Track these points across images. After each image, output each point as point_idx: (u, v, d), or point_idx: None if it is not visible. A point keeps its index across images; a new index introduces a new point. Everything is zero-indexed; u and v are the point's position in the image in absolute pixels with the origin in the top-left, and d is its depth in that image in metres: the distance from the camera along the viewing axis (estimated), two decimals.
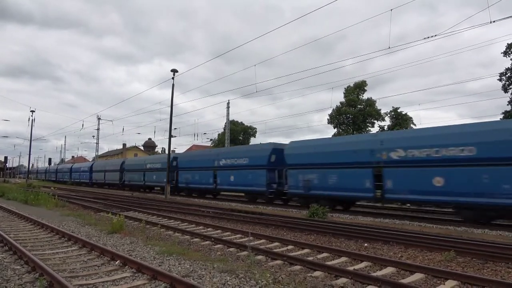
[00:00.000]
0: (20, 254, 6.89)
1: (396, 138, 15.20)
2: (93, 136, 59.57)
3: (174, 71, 25.27)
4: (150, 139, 77.96)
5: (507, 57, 29.67)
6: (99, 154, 63.46)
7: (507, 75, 29.75)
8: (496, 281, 5.46)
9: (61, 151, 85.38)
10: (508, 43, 29.13)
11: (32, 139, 46.16)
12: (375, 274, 6.00)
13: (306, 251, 8.03)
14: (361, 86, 39.40)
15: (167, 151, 27.99)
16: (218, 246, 8.50)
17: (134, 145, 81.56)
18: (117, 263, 6.47)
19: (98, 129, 56.14)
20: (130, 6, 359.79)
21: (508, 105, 30.16)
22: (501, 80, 30.01)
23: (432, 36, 14.35)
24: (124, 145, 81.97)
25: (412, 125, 35.94)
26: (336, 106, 39.79)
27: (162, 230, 10.34)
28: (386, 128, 37.17)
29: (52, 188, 32.36)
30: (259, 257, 7.18)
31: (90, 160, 77.76)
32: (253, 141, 53.53)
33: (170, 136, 26.72)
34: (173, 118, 26.19)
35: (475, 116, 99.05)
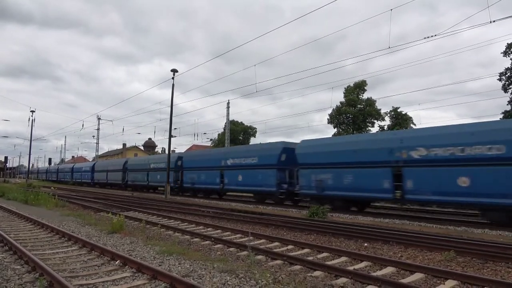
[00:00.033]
0: (20, 254, 6.89)
1: (417, 136, 14.24)
2: (93, 136, 59.77)
3: (174, 71, 25.32)
4: (150, 139, 78.03)
5: (507, 57, 29.71)
6: (99, 154, 63.50)
7: (507, 75, 29.77)
8: (496, 281, 5.46)
9: (61, 151, 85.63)
10: (508, 43, 29.18)
11: (32, 139, 46.28)
12: (375, 274, 6.00)
13: (306, 251, 8.04)
14: (361, 86, 39.45)
15: (167, 151, 28.02)
16: (218, 246, 8.50)
17: (134, 145, 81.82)
18: (117, 263, 6.47)
19: (98, 129, 56.27)
20: (130, 6, 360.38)
21: (508, 105, 30.22)
22: (501, 80, 30.05)
23: (432, 36, 14.33)
24: (124, 145, 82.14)
25: (412, 125, 35.99)
26: (336, 106, 39.89)
27: (162, 230, 10.34)
28: (386, 128, 37.21)
29: (52, 188, 32.35)
30: (259, 257, 7.18)
31: (90, 160, 77.81)
32: (253, 141, 53.55)
33: (170, 136, 26.76)
34: (173, 118, 26.27)
35: (474, 116, 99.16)
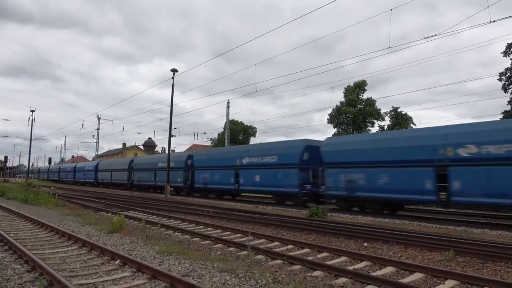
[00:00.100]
0: (20, 253, 6.89)
1: (465, 132, 12.93)
2: (93, 135, 59.74)
3: (174, 70, 25.33)
4: (150, 138, 77.94)
5: (507, 57, 29.67)
6: (99, 153, 63.54)
7: (507, 75, 29.75)
8: (496, 281, 5.47)
9: (61, 150, 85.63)
10: (508, 43, 29.13)
11: (32, 138, 46.31)
12: (374, 274, 6.01)
13: (306, 250, 8.04)
14: (361, 86, 39.44)
15: (167, 151, 28.03)
16: (218, 245, 8.50)
17: (134, 144, 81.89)
18: (117, 262, 6.47)
19: (98, 128, 56.38)
20: (130, 6, 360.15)
21: (508, 104, 30.20)
22: (501, 80, 30.02)
23: (432, 36, 14.33)
24: (124, 144, 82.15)
25: (412, 124, 35.97)
26: (336, 105, 39.87)
27: (162, 229, 10.34)
28: (386, 128, 37.20)
29: (52, 187, 32.35)
30: (259, 256, 7.18)
31: (90, 159, 77.78)
32: (253, 141, 53.54)
33: (170, 136, 26.77)
34: (173, 118, 26.30)
35: (475, 116, 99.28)
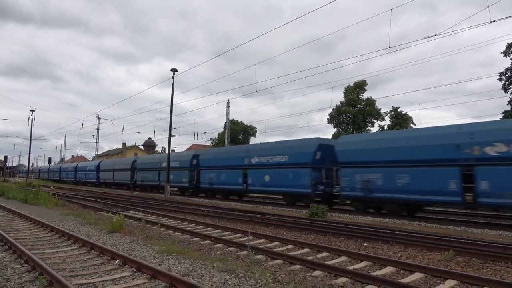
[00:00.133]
0: (20, 253, 6.89)
1: (493, 129, 12.34)
2: (93, 135, 59.72)
3: (174, 70, 25.31)
4: (150, 138, 77.98)
5: (507, 57, 29.68)
6: (99, 153, 63.53)
7: (507, 75, 29.75)
8: (496, 281, 5.47)
9: (61, 150, 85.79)
10: (508, 43, 29.15)
11: (32, 138, 46.23)
12: (374, 274, 6.00)
13: (305, 250, 8.04)
14: (361, 86, 39.47)
15: (167, 151, 28.04)
16: (218, 245, 8.49)
17: (134, 144, 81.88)
18: (117, 262, 6.47)
19: (98, 128, 56.34)
20: (130, 6, 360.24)
21: (508, 104, 30.21)
22: (501, 80, 30.03)
23: (432, 36, 14.32)
24: (124, 144, 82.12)
25: (412, 124, 36.00)
26: (336, 105, 39.92)
27: (162, 229, 10.33)
28: (386, 127, 37.21)
29: (52, 187, 32.35)
30: (259, 256, 7.18)
31: (90, 159, 77.76)
32: (252, 141, 53.50)
33: (170, 136, 26.76)
34: (173, 118, 26.28)
35: (475, 116, 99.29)
